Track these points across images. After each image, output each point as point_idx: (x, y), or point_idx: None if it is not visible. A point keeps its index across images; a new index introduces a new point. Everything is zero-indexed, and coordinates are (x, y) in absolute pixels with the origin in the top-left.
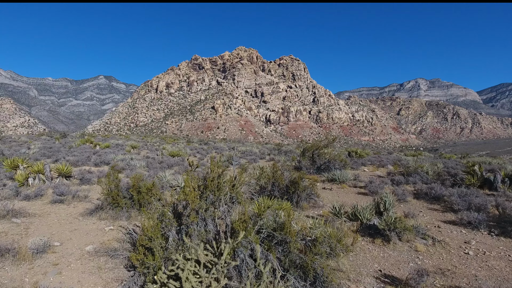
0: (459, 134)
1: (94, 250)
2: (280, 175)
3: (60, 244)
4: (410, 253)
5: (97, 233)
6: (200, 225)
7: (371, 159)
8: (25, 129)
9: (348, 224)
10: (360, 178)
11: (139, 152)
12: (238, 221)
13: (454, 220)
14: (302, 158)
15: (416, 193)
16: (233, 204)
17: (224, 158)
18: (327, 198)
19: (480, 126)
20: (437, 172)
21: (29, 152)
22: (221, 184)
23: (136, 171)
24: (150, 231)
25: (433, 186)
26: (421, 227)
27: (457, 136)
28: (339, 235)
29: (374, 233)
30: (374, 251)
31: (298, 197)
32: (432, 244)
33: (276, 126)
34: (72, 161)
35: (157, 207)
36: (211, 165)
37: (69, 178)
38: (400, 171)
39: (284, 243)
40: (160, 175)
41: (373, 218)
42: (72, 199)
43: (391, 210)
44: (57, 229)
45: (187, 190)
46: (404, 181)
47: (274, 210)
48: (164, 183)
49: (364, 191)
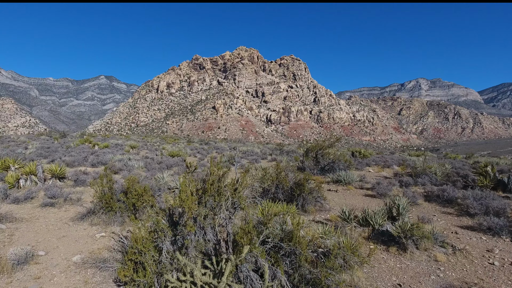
0: (460, 134)
1: (81, 261)
2: (284, 176)
3: (45, 253)
4: (429, 263)
5: (87, 240)
6: (198, 234)
7: (375, 159)
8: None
9: (358, 230)
10: (366, 179)
11: (139, 152)
12: (241, 232)
13: (472, 226)
14: (305, 159)
15: (426, 196)
16: (235, 210)
17: (225, 159)
18: (333, 200)
19: (482, 126)
20: (445, 173)
21: (26, 152)
22: (222, 188)
23: (134, 172)
24: (140, 243)
25: (445, 188)
26: (439, 234)
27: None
28: (354, 245)
29: (388, 240)
30: (389, 261)
31: (303, 200)
32: (453, 253)
33: (277, 126)
34: (68, 161)
35: (149, 215)
36: (211, 167)
37: (63, 180)
38: (407, 172)
39: (293, 255)
40: (158, 176)
41: (386, 223)
42: (64, 202)
43: (405, 215)
44: (44, 236)
45: (183, 196)
46: (413, 183)
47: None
48: (162, 185)
49: (372, 193)
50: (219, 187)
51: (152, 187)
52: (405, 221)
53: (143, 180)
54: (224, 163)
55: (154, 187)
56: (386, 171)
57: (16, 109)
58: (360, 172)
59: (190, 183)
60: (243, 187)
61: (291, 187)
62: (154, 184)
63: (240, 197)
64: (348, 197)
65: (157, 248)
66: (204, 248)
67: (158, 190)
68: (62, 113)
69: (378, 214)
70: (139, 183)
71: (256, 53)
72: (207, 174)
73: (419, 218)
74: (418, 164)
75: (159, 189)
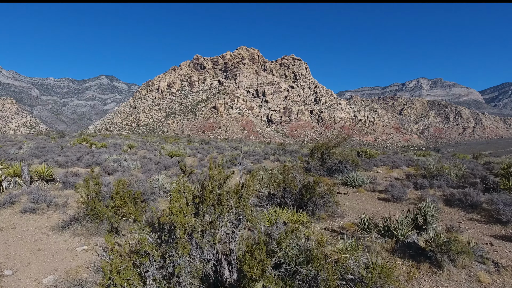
0: (462, 134)
1: (53, 284)
2: (292, 179)
3: (12, 273)
4: (471, 284)
5: (65, 255)
6: (194, 255)
7: (382, 159)
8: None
9: (380, 240)
10: (377, 181)
11: (137, 152)
12: (250, 259)
13: (507, 235)
14: (311, 159)
15: (446, 199)
16: (239, 222)
17: (227, 159)
18: (345, 205)
19: (483, 125)
20: (461, 175)
21: (19, 152)
22: (224, 196)
23: (130, 172)
24: (116, 273)
25: (467, 192)
26: (477, 248)
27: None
28: (387, 266)
29: (416, 254)
30: (423, 282)
31: (314, 205)
32: (496, 271)
33: (277, 126)
34: (61, 161)
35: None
36: (210, 170)
37: (50, 182)
38: (421, 173)
39: (314, 282)
40: (153, 178)
41: (411, 233)
42: (47, 207)
43: (434, 224)
44: (17, 249)
45: (175, 208)
46: (428, 185)
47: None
48: (156, 188)
49: (386, 197)
50: (221, 194)
51: (145, 191)
52: (437, 233)
53: (136, 183)
54: (226, 163)
55: (147, 191)
56: (396, 172)
57: (17, 109)
58: (369, 173)
59: (185, 189)
60: (249, 194)
61: (300, 191)
62: (148, 189)
63: (245, 206)
64: (360, 200)
65: (141, 276)
66: (201, 272)
67: (152, 194)
68: (63, 113)
69: (403, 223)
70: (130, 186)
71: (257, 53)
72: (206, 177)
73: (446, 227)
74: (431, 165)
75: (153, 193)
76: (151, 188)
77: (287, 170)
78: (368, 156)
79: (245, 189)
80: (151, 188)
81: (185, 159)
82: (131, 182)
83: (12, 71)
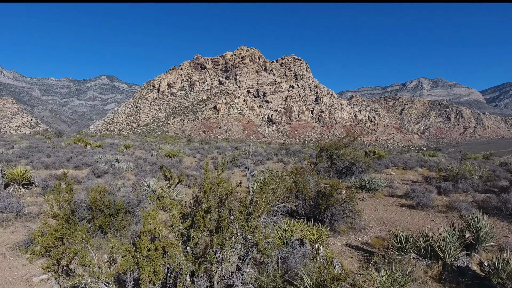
0: (463, 134)
1: None
2: (306, 184)
3: None
4: None
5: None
6: None
7: (392, 160)
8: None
9: (421, 263)
10: (394, 185)
11: (133, 152)
12: None
13: None
14: (319, 160)
15: (479, 206)
16: (248, 252)
17: (228, 159)
18: (364, 213)
19: (484, 125)
20: (485, 177)
21: (8, 153)
22: (226, 219)
23: (121, 175)
24: None
25: (507, 198)
26: None
27: (461, 136)
28: None
29: (472, 284)
30: None
31: (332, 216)
32: None
33: (278, 126)
34: (48, 162)
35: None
36: (205, 180)
37: (28, 186)
38: (443, 176)
39: None
40: (144, 182)
41: (461, 255)
42: (15, 218)
43: (489, 242)
44: None
45: (143, 247)
46: (453, 189)
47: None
48: (146, 196)
49: (408, 203)
50: (221, 216)
51: (129, 200)
52: (505, 258)
53: (120, 188)
54: (227, 164)
55: (133, 200)
56: (411, 174)
57: (18, 109)
58: (381, 175)
59: (173, 207)
60: (260, 212)
61: (314, 198)
62: (133, 196)
63: (256, 229)
64: (379, 207)
65: None
66: None
67: (139, 202)
68: (63, 113)
69: (449, 241)
70: (114, 194)
71: (257, 53)
72: (201, 188)
73: (500, 245)
74: (454, 167)
75: (140, 201)
76: (139, 195)
77: (298, 173)
78: (377, 157)
79: (256, 206)
80: (138, 196)
81: (183, 159)
82: (115, 189)
83: (12, 71)
